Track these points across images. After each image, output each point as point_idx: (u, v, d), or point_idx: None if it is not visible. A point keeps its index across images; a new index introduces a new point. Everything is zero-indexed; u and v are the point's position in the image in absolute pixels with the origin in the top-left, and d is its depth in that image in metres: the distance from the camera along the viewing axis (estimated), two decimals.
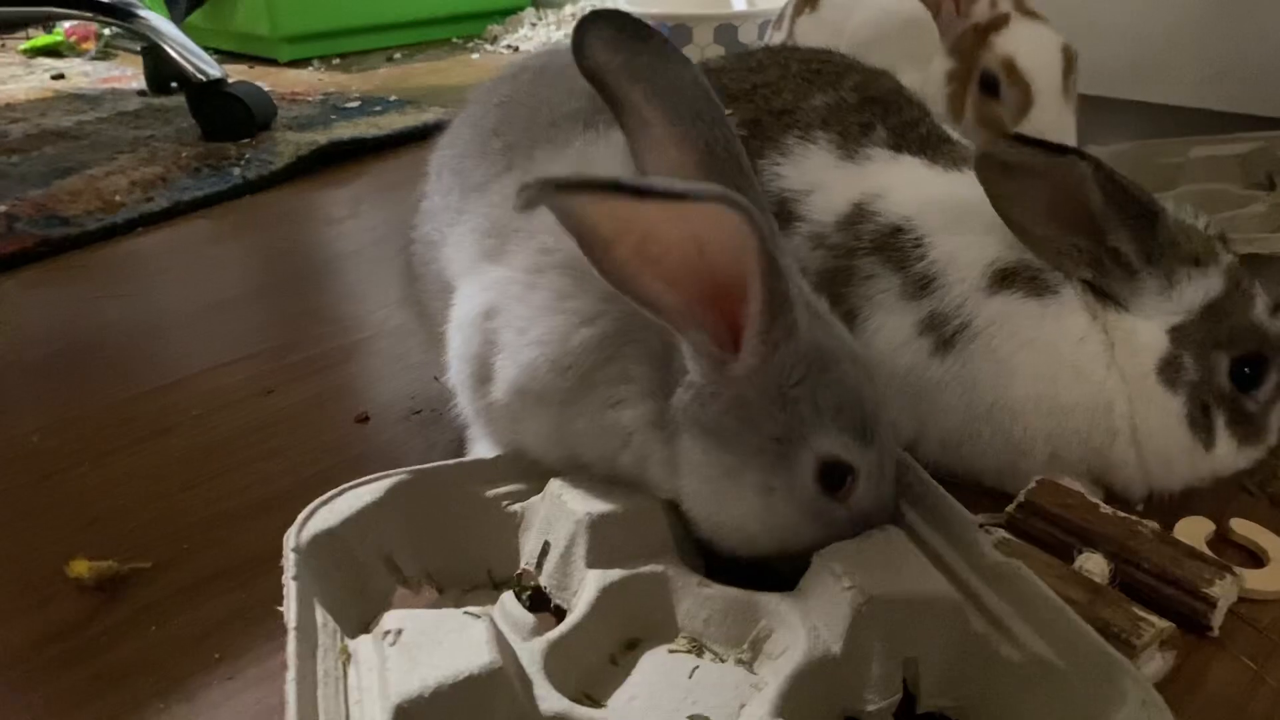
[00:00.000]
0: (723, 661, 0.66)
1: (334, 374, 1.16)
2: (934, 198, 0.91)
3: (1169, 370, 0.81)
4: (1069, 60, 1.35)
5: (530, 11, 3.31)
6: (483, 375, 0.73)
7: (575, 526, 0.68)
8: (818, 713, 0.61)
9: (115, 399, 1.11)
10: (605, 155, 0.75)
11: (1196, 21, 2.04)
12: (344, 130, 2.05)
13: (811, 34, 1.63)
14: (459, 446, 0.87)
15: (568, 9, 3.26)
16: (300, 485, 0.94)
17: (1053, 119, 1.33)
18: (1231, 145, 1.39)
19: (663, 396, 0.67)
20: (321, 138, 1.99)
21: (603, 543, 0.68)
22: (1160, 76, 2.10)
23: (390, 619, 0.61)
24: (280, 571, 0.81)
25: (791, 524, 0.66)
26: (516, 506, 0.74)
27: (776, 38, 1.75)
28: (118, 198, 1.71)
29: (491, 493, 0.75)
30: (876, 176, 0.94)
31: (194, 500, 0.93)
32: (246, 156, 1.92)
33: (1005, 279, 0.84)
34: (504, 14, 3.29)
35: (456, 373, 0.77)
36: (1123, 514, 0.79)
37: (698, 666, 0.65)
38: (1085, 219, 0.81)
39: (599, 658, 0.65)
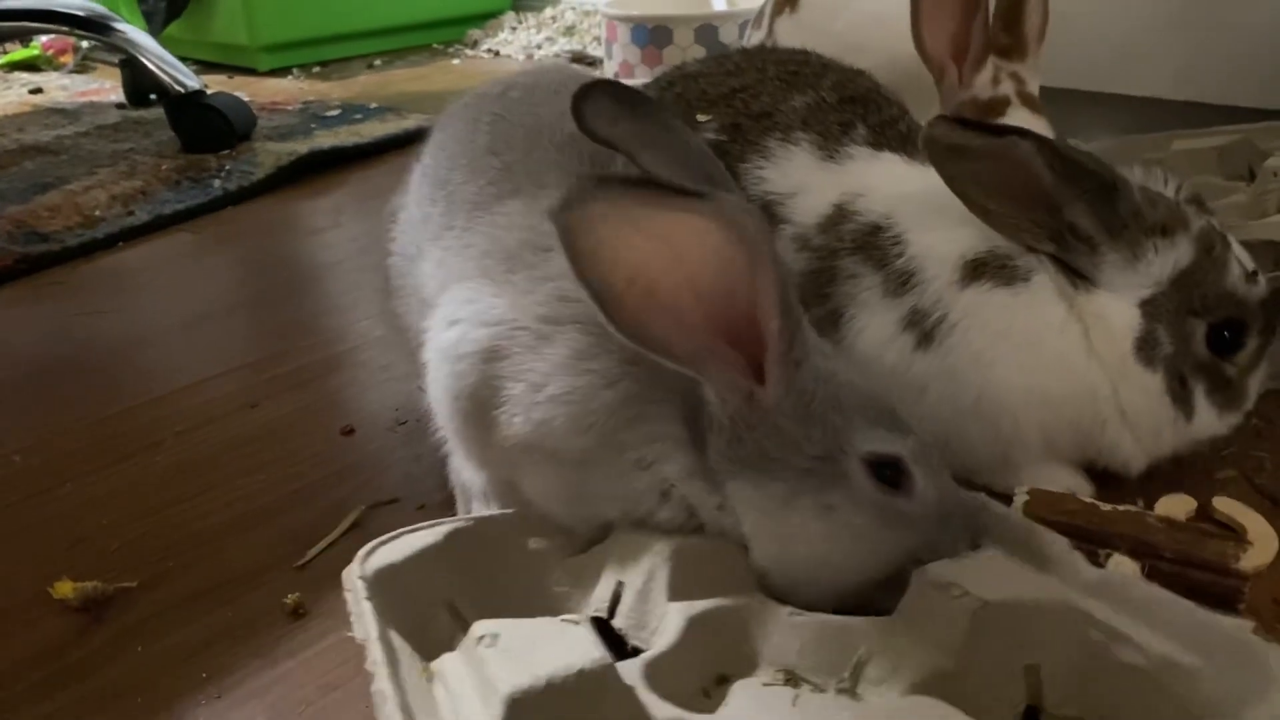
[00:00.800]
0: (822, 691, 0.62)
1: (318, 386, 1.16)
2: (910, 194, 0.91)
3: (1145, 348, 0.82)
4: None
5: (510, 15, 3.30)
6: (478, 417, 0.71)
7: (655, 560, 0.66)
8: None
9: (98, 416, 1.11)
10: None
11: (1173, 13, 2.05)
12: (325, 139, 2.05)
13: (791, 35, 1.62)
14: (445, 459, 0.86)
15: (548, 12, 3.26)
16: (286, 500, 0.94)
17: None
18: (1211, 138, 1.40)
19: (698, 449, 0.66)
20: (302, 147, 1.98)
21: (685, 575, 0.65)
22: (1138, 69, 2.11)
23: (482, 626, 0.58)
24: (267, 587, 0.82)
25: (865, 535, 0.64)
26: (578, 558, 0.72)
27: (755, 37, 1.75)
28: (98, 212, 1.70)
29: (547, 545, 0.72)
30: (857, 176, 0.95)
31: (179, 517, 0.92)
32: (227, 168, 1.91)
33: (976, 270, 0.85)
34: (484, 18, 3.29)
35: (443, 406, 0.74)
36: (1123, 508, 0.79)
37: (798, 695, 0.61)
38: (1040, 195, 0.81)
39: (692, 688, 0.62)
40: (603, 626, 0.65)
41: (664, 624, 0.64)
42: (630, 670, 0.58)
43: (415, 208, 0.85)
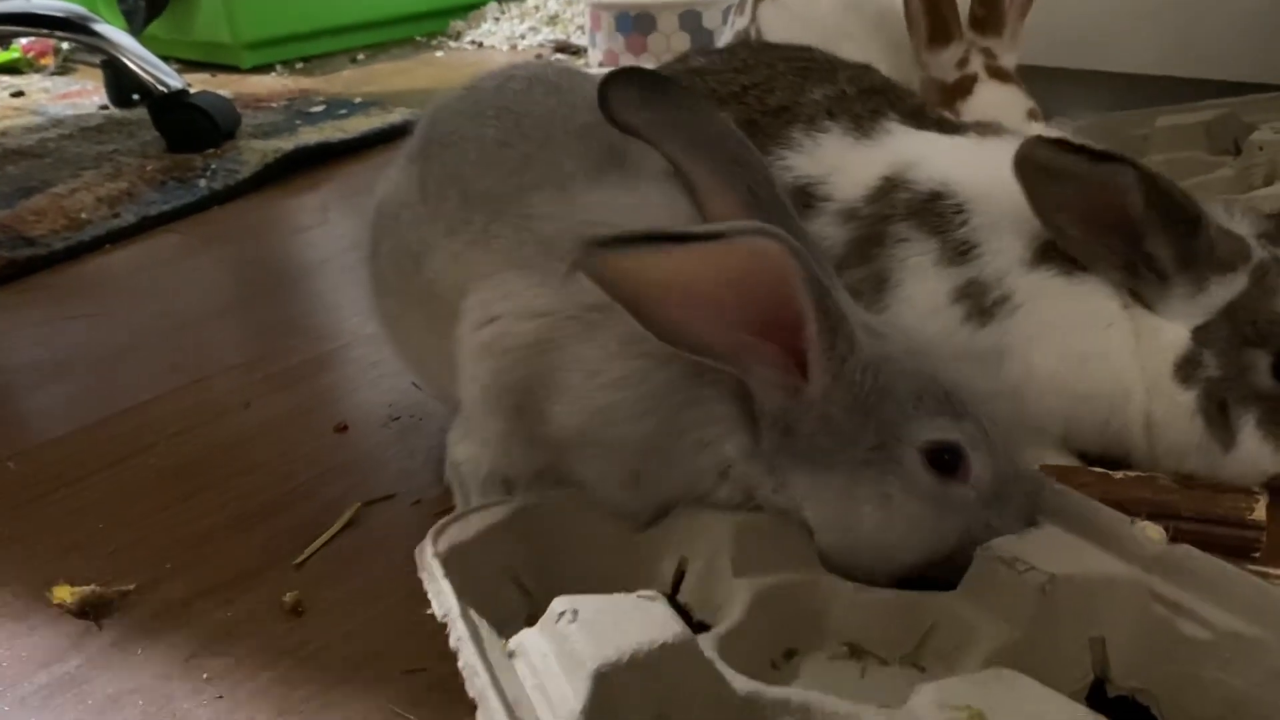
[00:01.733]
0: (886, 664, 0.64)
1: (311, 384, 1.16)
2: (974, 163, 0.91)
3: (1186, 367, 0.81)
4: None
5: (493, 6, 3.28)
6: (529, 410, 0.71)
7: (718, 537, 0.67)
8: None
9: (90, 421, 1.10)
10: (655, 194, 0.75)
11: None
12: (310, 135, 2.03)
13: (774, 20, 1.62)
14: (441, 453, 0.86)
15: (531, 1, 3.24)
16: (282, 499, 0.94)
17: None
18: (1196, 114, 1.40)
19: (753, 429, 0.67)
20: (287, 144, 1.97)
21: (749, 551, 0.66)
22: (1120, 45, 2.11)
23: (561, 602, 0.59)
24: (265, 586, 0.82)
25: (926, 523, 0.65)
26: (641, 535, 0.72)
27: (739, 23, 1.74)
28: (84, 215, 1.69)
29: (611, 522, 0.73)
30: (904, 148, 0.94)
31: (175, 519, 0.92)
32: (212, 167, 1.90)
33: (1046, 253, 0.84)
34: (466, 10, 3.27)
35: (488, 398, 0.74)
36: (1133, 474, 0.81)
37: (865, 667, 0.64)
38: (1124, 224, 0.80)
39: (761, 661, 0.64)
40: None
41: (730, 600, 0.65)
42: (703, 646, 0.59)
43: (420, 204, 0.82)
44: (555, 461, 0.74)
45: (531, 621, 0.69)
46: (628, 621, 0.55)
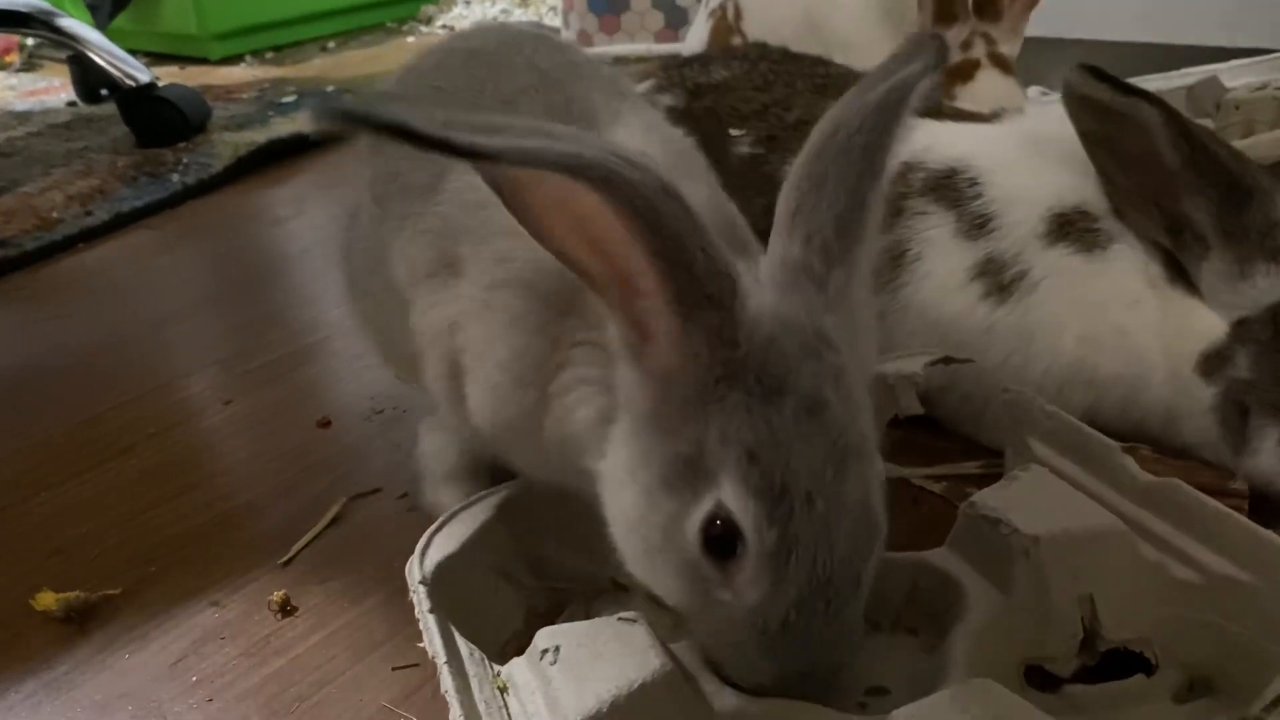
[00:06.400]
0: (879, 629, 0.64)
1: (292, 379, 1.14)
2: (988, 138, 0.90)
3: (1214, 360, 0.77)
4: None
5: None
6: (455, 394, 0.70)
7: None
8: (997, 667, 0.58)
9: (69, 423, 1.09)
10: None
11: None
12: (283, 126, 2.01)
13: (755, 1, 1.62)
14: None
15: None
16: (266, 496, 0.93)
17: None
18: (1179, 79, 1.41)
19: (614, 391, 0.60)
20: (260, 136, 1.95)
21: None
22: (1101, 12, 2.10)
23: (543, 637, 0.58)
24: (252, 586, 0.81)
25: (661, 564, 0.56)
26: None
27: (714, 1, 1.73)
28: (55, 214, 1.67)
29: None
30: (918, 138, 0.93)
31: (158, 521, 0.91)
32: (184, 161, 1.88)
33: (1063, 228, 0.82)
34: None
35: (434, 385, 0.73)
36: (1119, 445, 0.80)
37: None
38: (1162, 177, 0.76)
39: None
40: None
41: None
42: (687, 650, 0.58)
43: (373, 205, 0.80)
44: (496, 451, 0.73)
45: (531, 613, 0.69)
46: (607, 660, 0.55)
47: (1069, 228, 0.82)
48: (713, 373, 0.53)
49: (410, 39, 2.95)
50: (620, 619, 0.58)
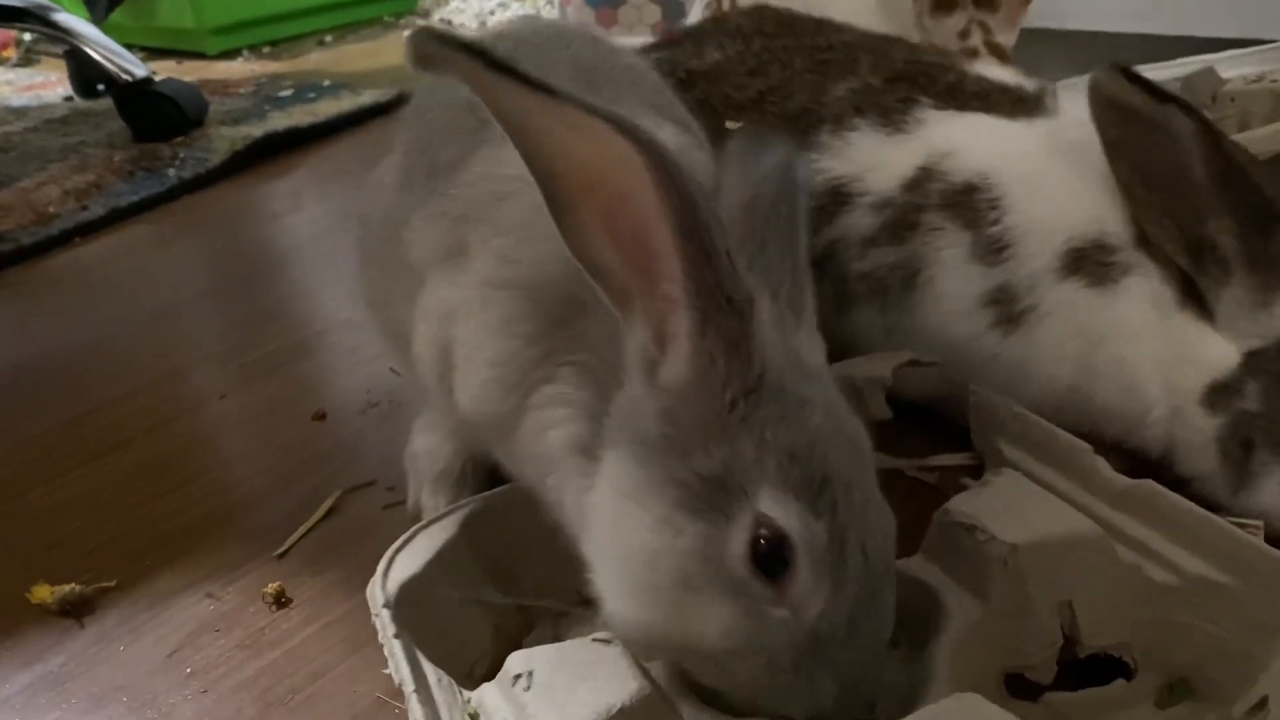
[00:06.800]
0: None
1: (287, 373, 1.14)
2: (1013, 153, 0.85)
3: (1221, 392, 0.73)
4: None
5: None
6: (443, 381, 0.70)
7: None
8: (978, 677, 0.58)
9: (65, 418, 1.09)
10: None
11: None
12: (279, 121, 2.01)
13: None
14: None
15: None
16: (261, 489, 0.93)
17: None
18: (1175, 69, 1.40)
19: (598, 419, 0.59)
20: (256, 130, 1.94)
21: None
22: (1099, 4, 2.10)
23: (516, 661, 0.56)
24: (247, 578, 0.82)
25: (694, 597, 0.52)
26: None
27: None
28: (51, 209, 1.67)
29: None
30: (939, 137, 0.89)
31: (153, 515, 0.91)
32: (181, 156, 1.87)
33: (1077, 262, 0.79)
34: None
35: (425, 373, 0.73)
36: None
37: None
38: (1188, 194, 0.72)
39: None
40: None
41: None
42: (662, 669, 0.58)
43: (396, 175, 0.79)
44: (483, 444, 0.72)
45: (498, 633, 0.69)
46: (583, 683, 0.53)
47: (1083, 262, 0.79)
48: (730, 388, 0.52)
49: (408, 33, 2.94)
50: (595, 639, 0.56)
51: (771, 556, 0.50)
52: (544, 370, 0.62)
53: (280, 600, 0.79)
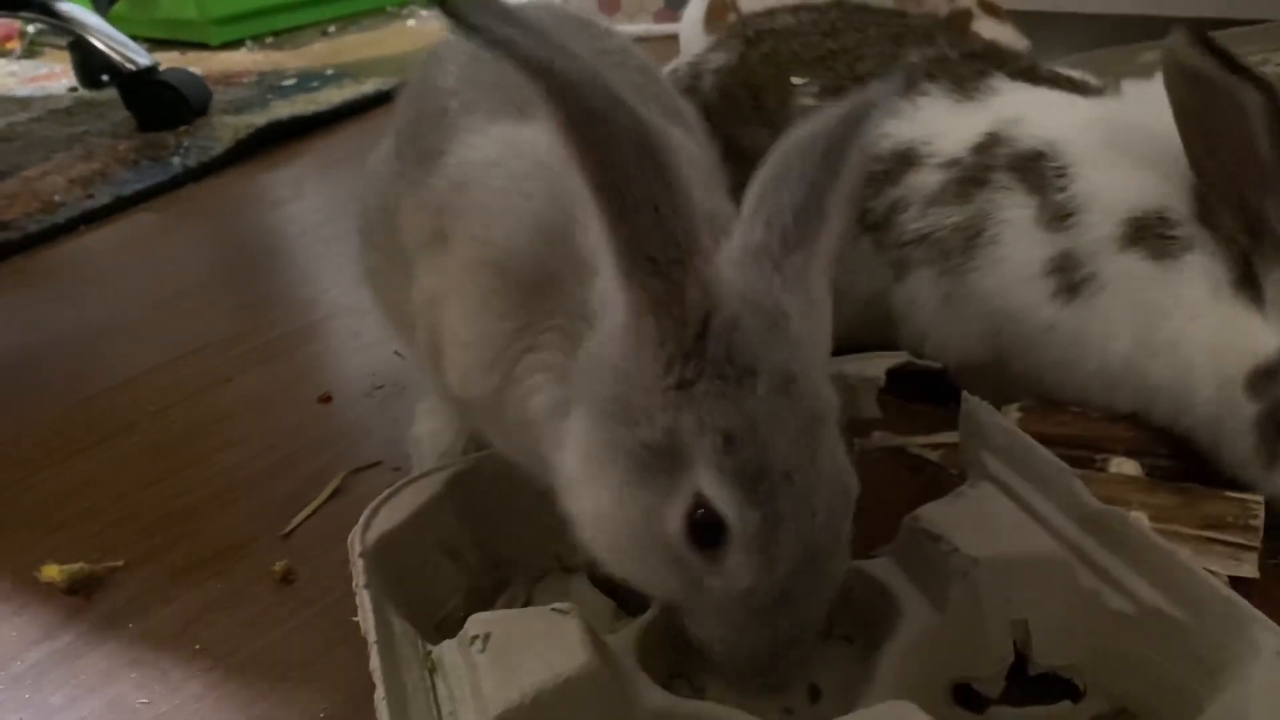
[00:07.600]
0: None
1: (292, 357, 1.15)
2: (1081, 121, 0.85)
3: (1264, 377, 0.73)
4: None
5: None
6: (435, 365, 0.70)
7: None
8: (925, 683, 0.58)
9: (72, 401, 1.10)
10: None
11: None
12: (282, 109, 2.01)
13: None
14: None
15: None
16: (267, 471, 0.94)
17: None
18: None
19: (571, 379, 0.58)
20: (260, 119, 1.95)
21: None
22: None
23: (475, 623, 0.57)
24: (254, 557, 0.82)
25: (644, 559, 0.55)
26: None
27: None
28: (57, 198, 1.68)
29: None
30: (1009, 105, 0.89)
31: (160, 495, 0.92)
32: (185, 144, 1.88)
33: (1138, 233, 0.78)
34: None
35: (423, 356, 0.73)
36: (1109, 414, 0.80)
37: None
38: (1253, 169, 0.71)
39: (682, 650, 0.61)
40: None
41: None
42: (624, 643, 0.59)
43: (395, 159, 0.78)
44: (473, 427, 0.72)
45: (472, 592, 0.69)
46: (535, 651, 0.54)
47: (1145, 233, 0.78)
48: (666, 350, 0.51)
49: (411, 22, 2.95)
50: (554, 609, 0.57)
51: (706, 531, 0.51)
52: (526, 340, 0.62)
53: (286, 578, 0.80)
